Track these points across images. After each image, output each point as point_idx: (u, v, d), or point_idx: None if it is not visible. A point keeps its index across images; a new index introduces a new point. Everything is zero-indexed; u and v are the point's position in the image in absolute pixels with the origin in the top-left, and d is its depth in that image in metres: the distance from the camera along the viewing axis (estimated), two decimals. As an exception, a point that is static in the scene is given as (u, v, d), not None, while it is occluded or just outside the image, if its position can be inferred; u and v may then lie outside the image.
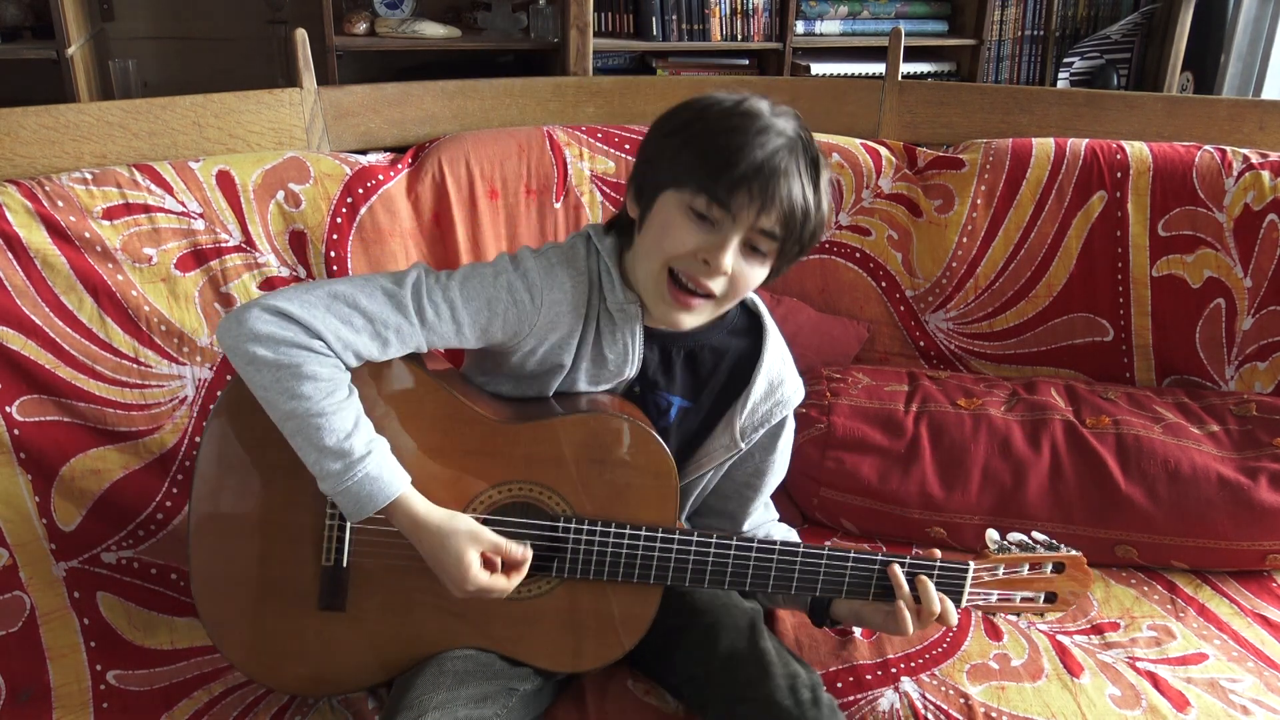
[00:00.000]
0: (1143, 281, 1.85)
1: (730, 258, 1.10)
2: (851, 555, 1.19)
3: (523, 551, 1.14)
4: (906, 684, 1.32)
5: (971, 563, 1.19)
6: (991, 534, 1.23)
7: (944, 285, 1.90)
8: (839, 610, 1.26)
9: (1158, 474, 1.55)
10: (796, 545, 1.19)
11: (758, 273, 1.14)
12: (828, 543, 1.23)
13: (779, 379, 1.27)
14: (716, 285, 1.12)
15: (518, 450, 1.18)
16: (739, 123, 1.11)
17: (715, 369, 1.26)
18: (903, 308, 1.92)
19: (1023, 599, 1.22)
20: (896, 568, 1.17)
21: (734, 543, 1.18)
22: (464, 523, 1.13)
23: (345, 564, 1.20)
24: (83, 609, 1.37)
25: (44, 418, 1.42)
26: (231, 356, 1.11)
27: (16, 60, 2.51)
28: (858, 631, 1.40)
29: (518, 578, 1.14)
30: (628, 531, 1.17)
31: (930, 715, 1.28)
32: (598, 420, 1.19)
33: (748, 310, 1.29)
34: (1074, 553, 1.22)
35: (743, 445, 1.25)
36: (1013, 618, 1.46)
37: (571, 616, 1.21)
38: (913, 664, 1.36)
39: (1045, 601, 1.23)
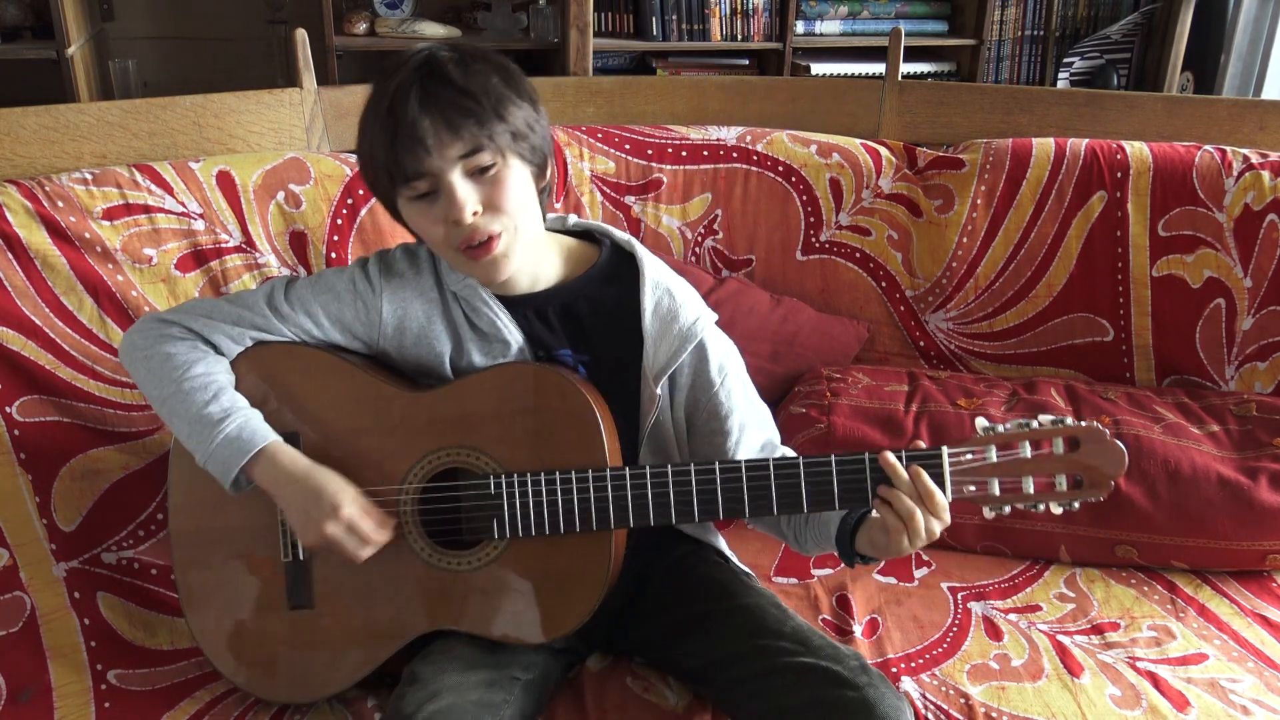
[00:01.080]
0: (1143, 281, 1.86)
1: (464, 198, 1.08)
2: (803, 460, 1.12)
3: (385, 517, 1.16)
4: (907, 684, 1.32)
5: (944, 447, 1.10)
6: (980, 420, 1.12)
7: (944, 285, 1.90)
8: (862, 546, 1.17)
9: (1158, 474, 1.55)
10: (736, 464, 1.13)
11: (512, 182, 1.11)
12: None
13: (669, 313, 1.22)
14: (489, 224, 1.11)
15: (438, 416, 1.19)
16: (374, 107, 1.11)
17: (597, 319, 1.24)
18: (903, 308, 1.92)
19: (1039, 486, 1.09)
20: (889, 454, 1.09)
21: (669, 469, 1.14)
22: (335, 473, 1.16)
23: (302, 558, 1.21)
24: (83, 609, 1.36)
25: (44, 418, 1.42)
26: (127, 369, 1.24)
27: (16, 60, 2.52)
28: (858, 631, 1.40)
29: (382, 533, 1.15)
30: (558, 476, 1.15)
31: (930, 715, 1.28)
32: (505, 371, 1.19)
33: (622, 254, 1.26)
34: (1086, 424, 1.08)
35: (659, 392, 1.21)
36: (1013, 617, 1.46)
37: (528, 580, 1.18)
38: (913, 664, 1.36)
39: (1074, 488, 1.09)
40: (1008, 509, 1.11)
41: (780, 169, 1.90)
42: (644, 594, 1.29)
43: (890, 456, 1.10)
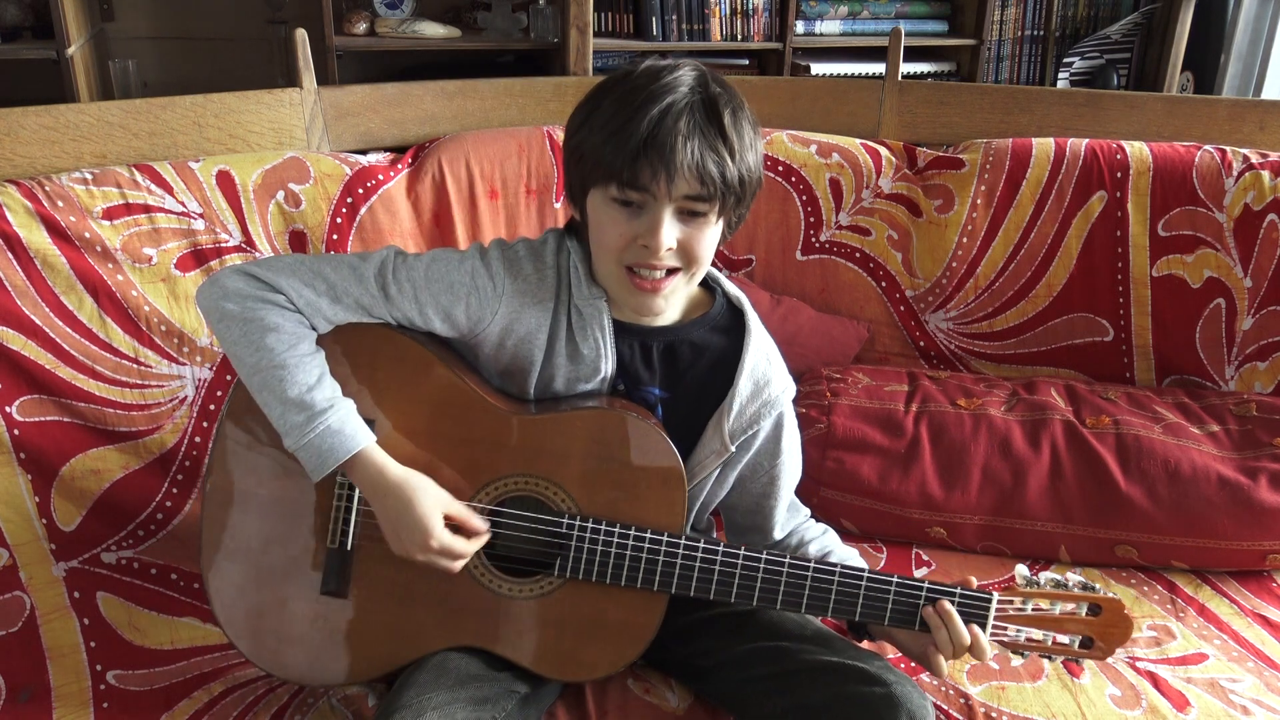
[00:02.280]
0: (1143, 281, 1.85)
1: (667, 234, 1.08)
2: (866, 576, 1.16)
3: (481, 524, 1.15)
4: (906, 684, 1.32)
5: (995, 593, 1.15)
6: (1021, 569, 1.18)
7: (944, 285, 1.90)
8: (873, 628, 1.24)
9: (1158, 474, 1.55)
10: (805, 563, 1.16)
11: (709, 234, 1.12)
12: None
13: (764, 379, 1.23)
14: (670, 261, 1.11)
15: (526, 442, 1.18)
16: (628, 98, 1.08)
17: (694, 364, 1.24)
18: (903, 308, 1.92)
19: (1055, 641, 1.16)
20: (948, 604, 1.14)
21: (741, 553, 1.16)
22: (431, 483, 1.14)
23: (349, 547, 1.19)
24: (83, 609, 1.37)
25: (44, 418, 1.42)
26: (207, 318, 1.18)
27: (16, 60, 2.51)
28: (858, 631, 1.41)
29: (475, 545, 1.14)
30: (632, 534, 1.16)
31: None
32: (608, 417, 1.18)
33: (732, 307, 1.26)
34: (1112, 595, 1.16)
35: (732, 448, 1.22)
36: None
37: (573, 620, 1.19)
38: (913, 664, 1.35)
39: (1081, 647, 1.17)
40: (1025, 655, 1.18)
41: (780, 169, 1.90)
42: None
43: (948, 604, 1.14)
